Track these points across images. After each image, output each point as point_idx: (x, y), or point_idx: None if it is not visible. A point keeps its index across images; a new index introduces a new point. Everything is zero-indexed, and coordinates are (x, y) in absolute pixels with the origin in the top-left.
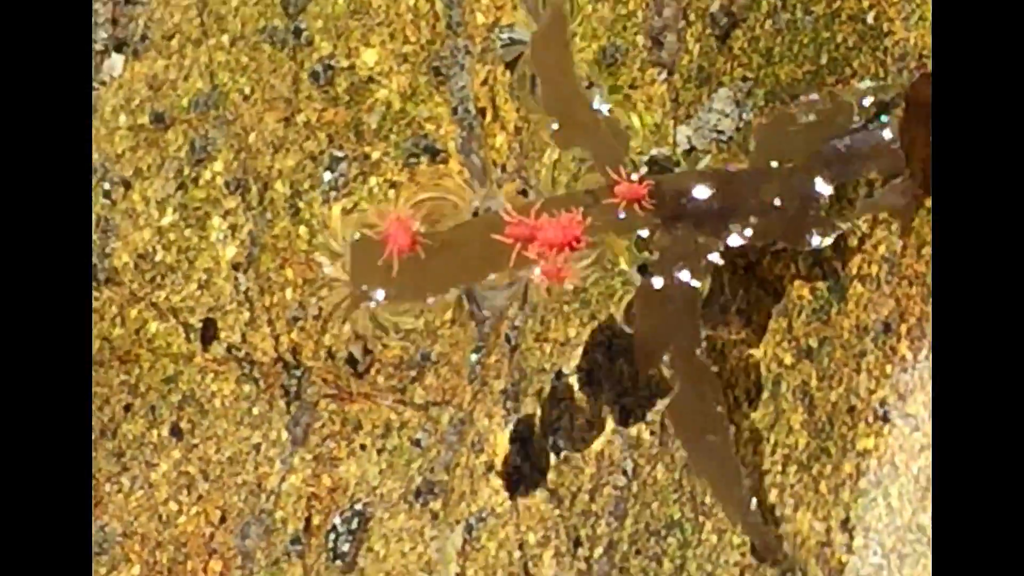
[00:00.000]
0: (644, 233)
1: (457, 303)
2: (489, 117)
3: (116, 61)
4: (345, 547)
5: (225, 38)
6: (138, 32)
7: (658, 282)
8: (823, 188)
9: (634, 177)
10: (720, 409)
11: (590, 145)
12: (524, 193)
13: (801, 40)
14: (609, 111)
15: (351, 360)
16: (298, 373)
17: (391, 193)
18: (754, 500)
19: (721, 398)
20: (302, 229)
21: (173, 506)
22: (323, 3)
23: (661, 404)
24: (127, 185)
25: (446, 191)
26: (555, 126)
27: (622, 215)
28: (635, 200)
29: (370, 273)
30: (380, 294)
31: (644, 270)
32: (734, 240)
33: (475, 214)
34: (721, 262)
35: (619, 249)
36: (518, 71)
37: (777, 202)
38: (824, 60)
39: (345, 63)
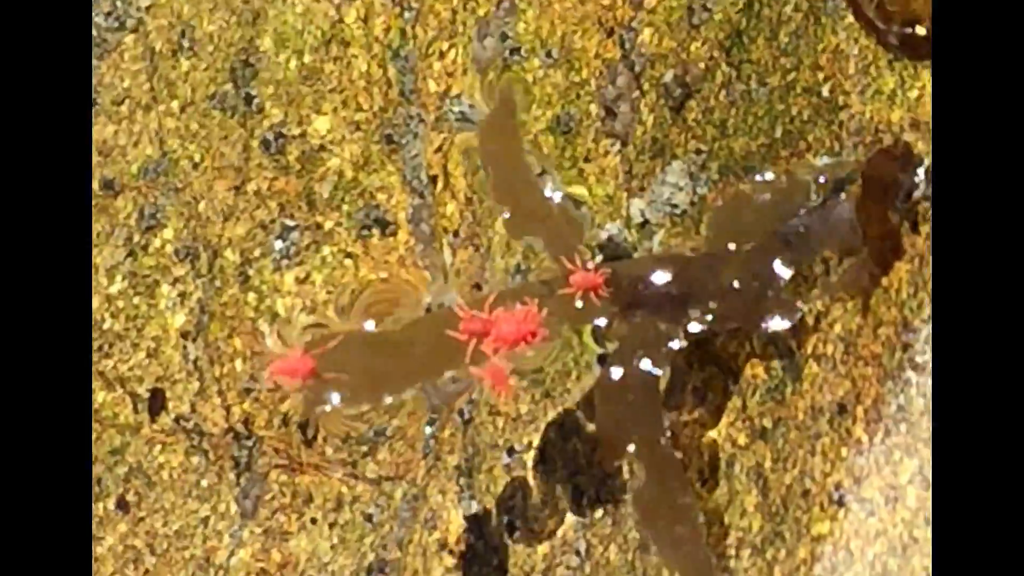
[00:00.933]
0: (602, 322)
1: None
2: (440, 185)
3: None
4: None
5: (175, 104)
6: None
7: (617, 372)
8: (782, 270)
9: (589, 265)
10: (687, 499)
11: (543, 234)
12: (478, 287)
13: (756, 112)
14: (562, 197)
15: (303, 426)
16: (249, 444)
17: (346, 262)
18: None
19: (688, 488)
20: (251, 296)
21: None
22: (274, 69)
23: (614, 484)
24: None
25: (401, 284)
26: (506, 215)
27: (579, 305)
28: (591, 289)
29: (324, 380)
30: (335, 397)
31: (603, 360)
32: (694, 327)
33: (428, 310)
34: (681, 346)
35: (578, 337)
36: (469, 157)
37: (736, 285)
38: (779, 133)
39: (296, 131)
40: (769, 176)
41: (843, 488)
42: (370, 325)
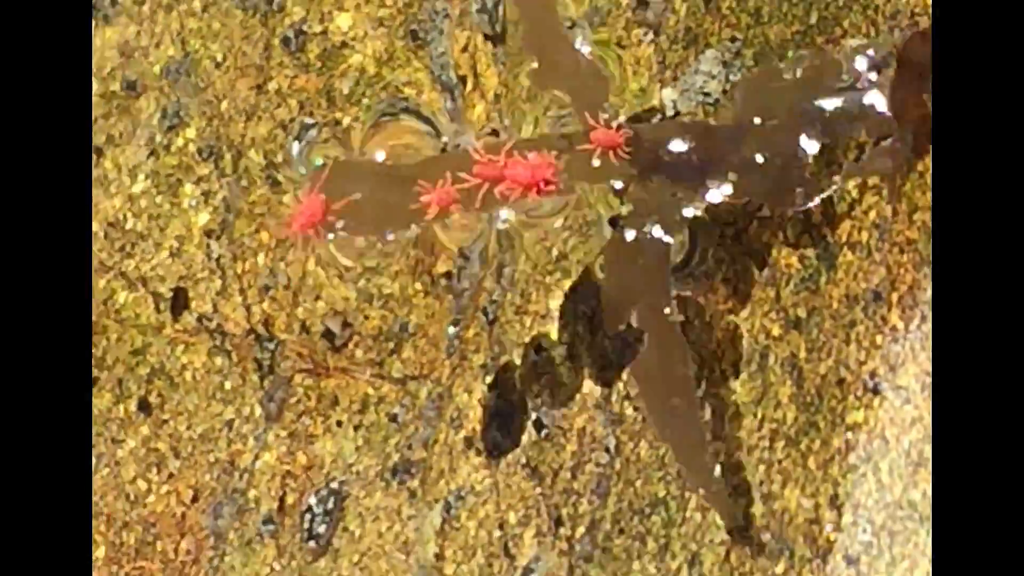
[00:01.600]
0: (618, 184)
1: (431, 275)
2: (469, 85)
3: None
4: (321, 528)
5: (196, 3)
6: None
7: (629, 235)
8: (808, 146)
9: (612, 124)
10: (686, 371)
11: (569, 87)
12: (495, 133)
13: None
14: (590, 53)
15: (328, 334)
16: (271, 346)
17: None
18: (718, 467)
19: (688, 360)
20: (276, 196)
21: (141, 485)
22: None
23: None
24: (99, 153)
25: (415, 136)
26: (534, 64)
27: (596, 163)
28: (611, 148)
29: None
30: (339, 225)
31: (615, 223)
32: (712, 196)
33: (443, 150)
34: (696, 215)
35: (595, 200)
36: (499, 37)
37: (759, 159)
38: (814, 19)
39: (318, 28)
40: (802, 53)
41: (878, 376)
42: (380, 156)
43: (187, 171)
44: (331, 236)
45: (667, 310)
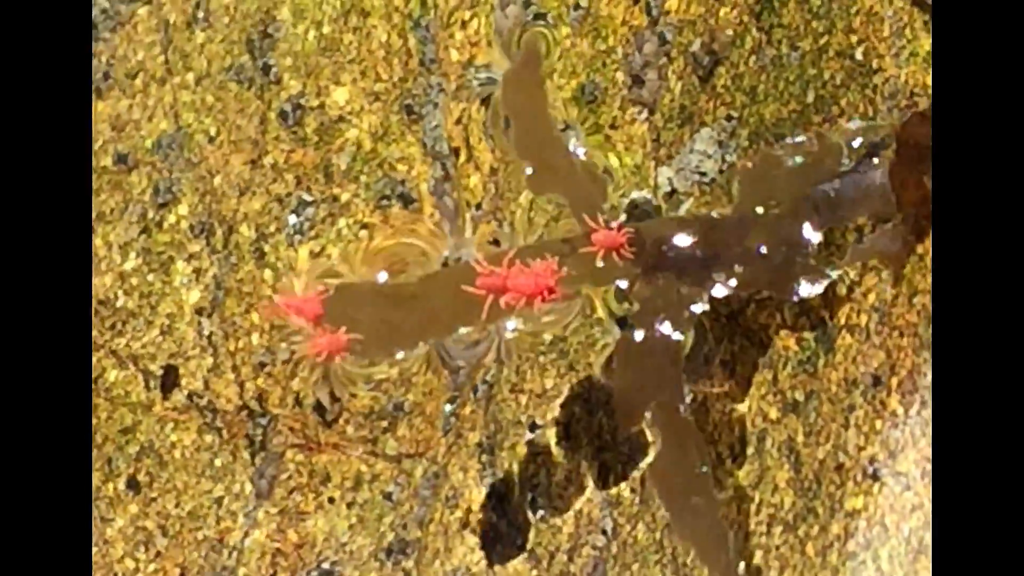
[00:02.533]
0: (623, 283)
1: (427, 354)
2: (463, 157)
3: None
4: None
5: (190, 76)
6: (100, 70)
7: (639, 335)
8: (811, 235)
9: (613, 224)
10: (705, 469)
11: (565, 190)
12: (496, 243)
13: (787, 77)
14: (586, 155)
15: (319, 408)
16: (263, 422)
17: (361, 234)
18: (742, 565)
19: (706, 457)
20: (267, 273)
21: (130, 563)
22: (292, 40)
23: (642, 461)
24: None
25: (416, 237)
26: (529, 170)
27: (600, 264)
28: (613, 248)
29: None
30: (347, 352)
31: (624, 323)
32: (718, 291)
33: (445, 264)
34: (704, 310)
35: (598, 298)
36: (491, 111)
37: (763, 250)
38: (811, 98)
39: (315, 102)
40: (800, 139)
41: (878, 462)
42: (382, 276)
43: (179, 248)
44: (337, 359)
45: (681, 408)
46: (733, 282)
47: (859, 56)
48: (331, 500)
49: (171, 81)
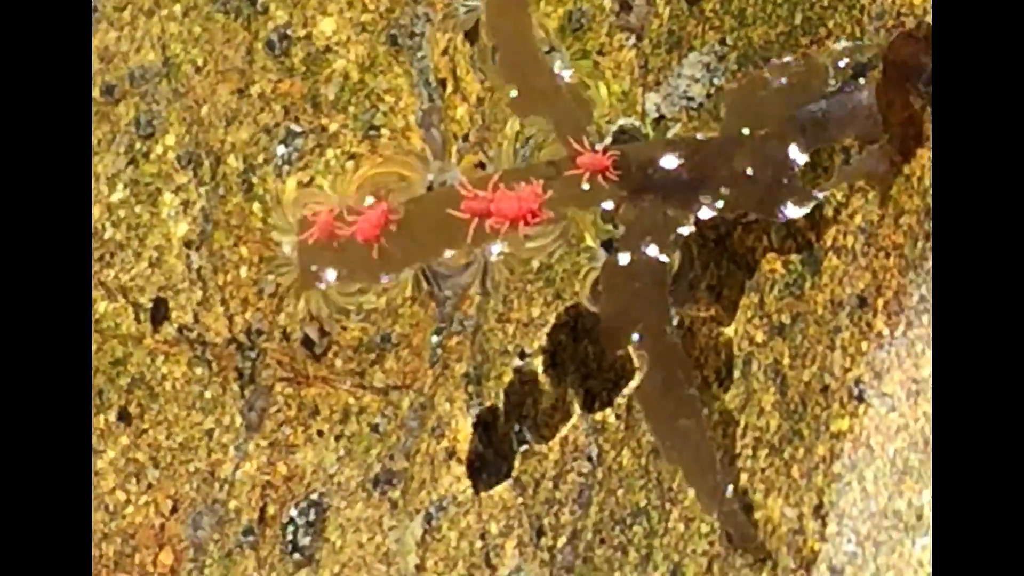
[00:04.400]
0: (609, 206)
1: (415, 281)
2: (450, 88)
3: None
4: (304, 540)
5: (177, 8)
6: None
7: (624, 258)
8: (797, 156)
9: (598, 147)
10: (692, 391)
11: (550, 113)
12: (482, 166)
13: (774, 0)
14: (571, 77)
15: (307, 342)
16: (252, 355)
17: (349, 165)
18: (730, 487)
19: (693, 380)
20: (255, 205)
21: (120, 495)
22: None
23: (627, 387)
24: None
25: (399, 166)
26: (514, 93)
27: (585, 187)
28: (599, 171)
29: (319, 252)
30: (331, 274)
31: (609, 245)
32: (704, 213)
33: (429, 188)
34: (690, 231)
35: (584, 223)
36: (479, 39)
37: (749, 171)
38: (798, 20)
39: (302, 32)
40: (786, 60)
41: (863, 383)
42: (368, 200)
43: (166, 180)
44: (322, 285)
45: (667, 330)
46: (720, 204)
47: None
48: (320, 433)
49: (159, 13)
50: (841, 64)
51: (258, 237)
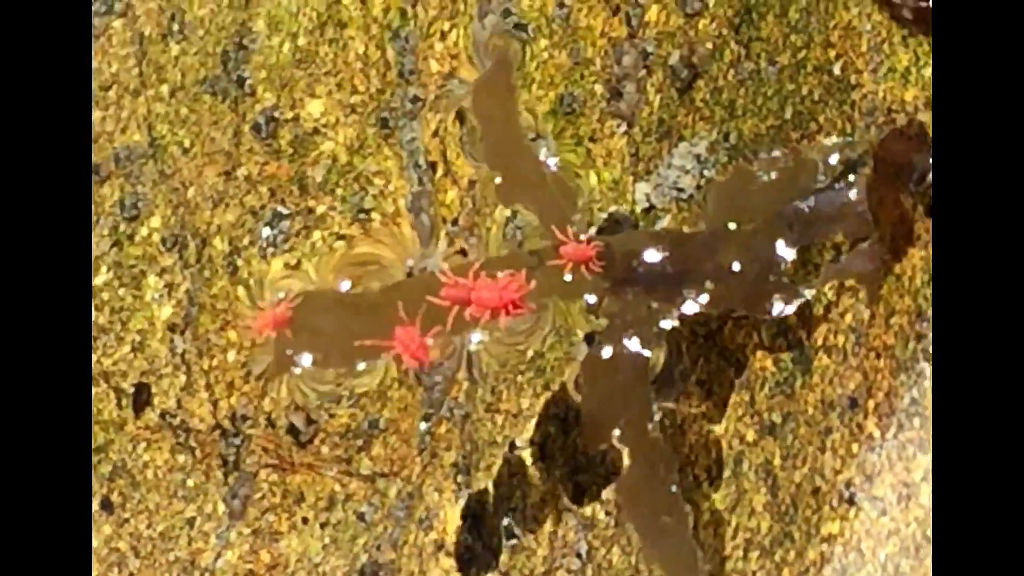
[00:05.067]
0: (592, 298)
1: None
2: (440, 171)
3: None
4: None
5: (164, 88)
6: None
7: (607, 351)
8: (785, 252)
9: (582, 237)
10: (675, 488)
11: (534, 201)
12: (463, 253)
13: (765, 92)
14: (557, 165)
15: (293, 430)
16: (237, 441)
17: (337, 244)
18: None
19: (676, 476)
20: (240, 289)
21: None
22: (267, 52)
23: (617, 482)
24: None
25: (383, 247)
26: (498, 180)
27: (568, 278)
28: (582, 262)
29: (296, 337)
30: (306, 359)
31: (591, 339)
32: (689, 307)
33: (410, 274)
34: (673, 326)
35: (571, 314)
36: (468, 123)
37: (736, 266)
38: (789, 114)
39: (289, 114)
40: (776, 154)
41: (854, 486)
42: (345, 285)
43: (151, 262)
44: (298, 370)
45: (649, 426)
46: (704, 298)
47: (837, 71)
48: (304, 520)
49: (145, 93)
50: (832, 160)
51: (243, 322)
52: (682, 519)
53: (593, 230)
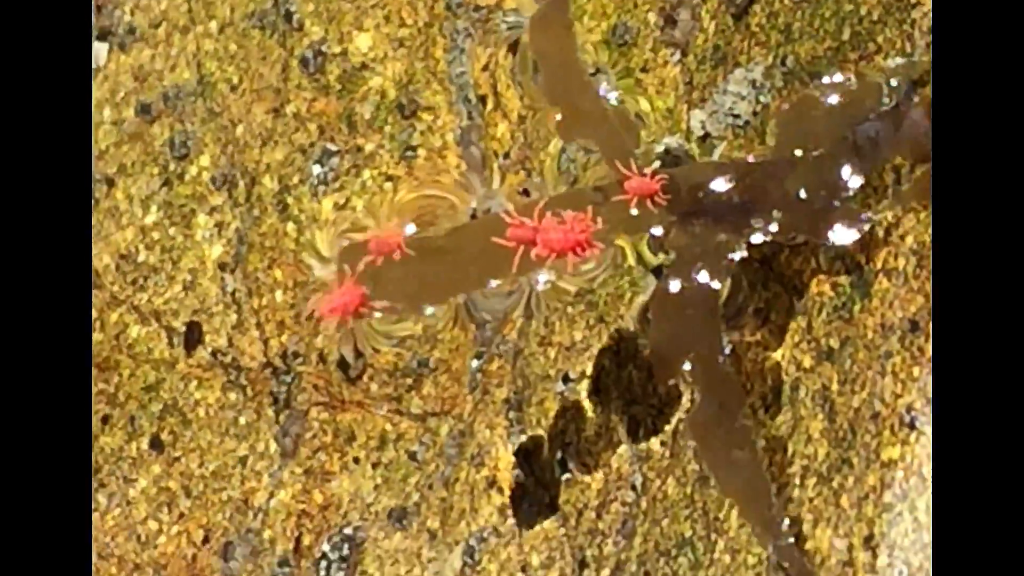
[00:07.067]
0: (658, 231)
1: (458, 313)
2: (490, 105)
3: (100, 51)
4: (339, 575)
5: (213, 24)
6: (123, 20)
7: (675, 285)
8: (851, 177)
9: (646, 171)
10: (746, 422)
11: (597, 137)
12: (526, 193)
13: (822, 14)
14: (617, 99)
15: (343, 364)
16: (288, 379)
17: (386, 186)
18: (787, 520)
19: (745, 409)
20: (290, 226)
21: (153, 525)
22: None
23: (673, 414)
24: (110, 183)
25: (443, 190)
26: (558, 116)
27: (634, 212)
28: (647, 196)
29: (362, 282)
30: (376, 304)
31: (659, 272)
32: (757, 237)
33: (473, 216)
34: (742, 256)
35: (631, 249)
36: (519, 56)
37: (802, 194)
38: (847, 35)
39: (337, 49)
40: (838, 79)
41: (915, 410)
42: (410, 228)
43: (200, 201)
44: (370, 320)
45: (720, 360)
46: (772, 228)
47: None
48: (356, 460)
49: (194, 30)
50: (893, 82)
51: (292, 261)
52: (753, 452)
53: (655, 164)
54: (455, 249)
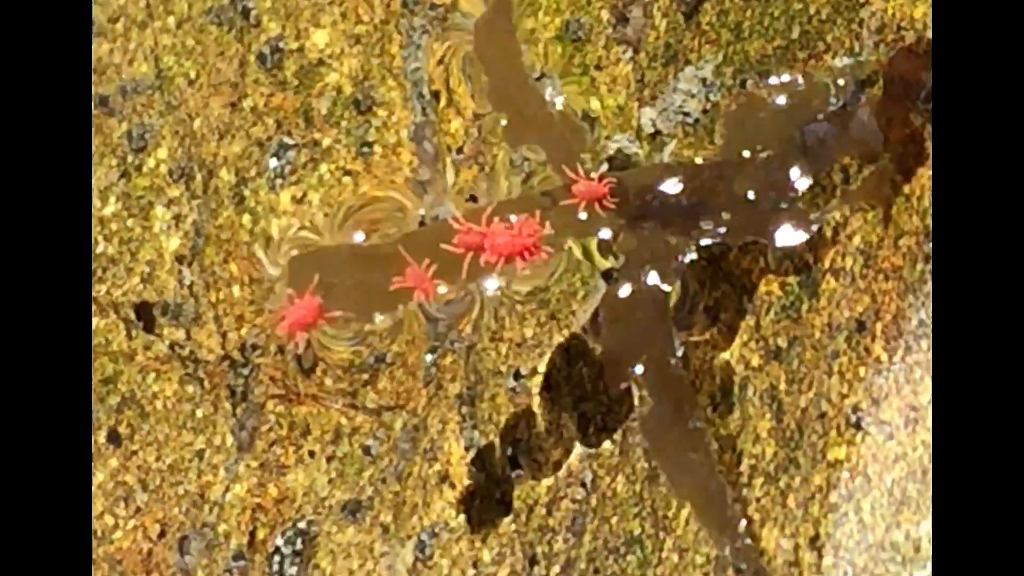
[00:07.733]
0: (607, 235)
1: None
2: (443, 101)
3: None
4: (292, 570)
5: (171, 20)
6: None
7: (625, 289)
8: (799, 178)
9: (594, 175)
10: (700, 424)
11: (543, 142)
12: (474, 199)
13: (772, 13)
14: (563, 103)
15: (299, 358)
16: (245, 372)
17: (344, 180)
18: (743, 522)
19: (698, 411)
20: (246, 218)
21: (108, 520)
22: None
23: (623, 412)
24: None
25: (394, 190)
26: (504, 122)
27: (583, 216)
28: (596, 200)
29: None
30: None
31: (609, 276)
32: (705, 240)
33: (422, 223)
34: (692, 259)
35: (580, 252)
36: (468, 61)
37: (751, 195)
38: (796, 34)
39: (294, 45)
40: (786, 78)
41: (861, 410)
42: (359, 237)
43: (158, 193)
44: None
45: (672, 361)
46: (721, 229)
47: None
48: (311, 454)
49: (152, 25)
50: (841, 82)
51: (246, 255)
52: (708, 454)
53: (603, 165)
54: (406, 255)
